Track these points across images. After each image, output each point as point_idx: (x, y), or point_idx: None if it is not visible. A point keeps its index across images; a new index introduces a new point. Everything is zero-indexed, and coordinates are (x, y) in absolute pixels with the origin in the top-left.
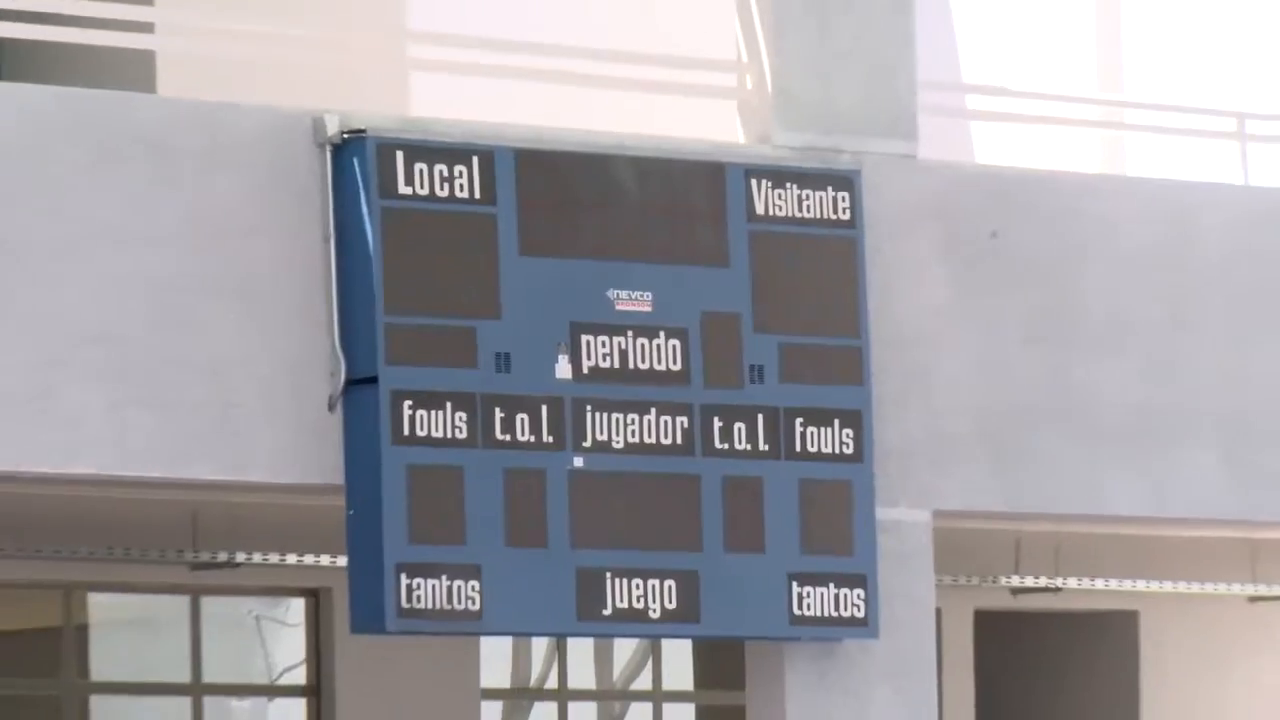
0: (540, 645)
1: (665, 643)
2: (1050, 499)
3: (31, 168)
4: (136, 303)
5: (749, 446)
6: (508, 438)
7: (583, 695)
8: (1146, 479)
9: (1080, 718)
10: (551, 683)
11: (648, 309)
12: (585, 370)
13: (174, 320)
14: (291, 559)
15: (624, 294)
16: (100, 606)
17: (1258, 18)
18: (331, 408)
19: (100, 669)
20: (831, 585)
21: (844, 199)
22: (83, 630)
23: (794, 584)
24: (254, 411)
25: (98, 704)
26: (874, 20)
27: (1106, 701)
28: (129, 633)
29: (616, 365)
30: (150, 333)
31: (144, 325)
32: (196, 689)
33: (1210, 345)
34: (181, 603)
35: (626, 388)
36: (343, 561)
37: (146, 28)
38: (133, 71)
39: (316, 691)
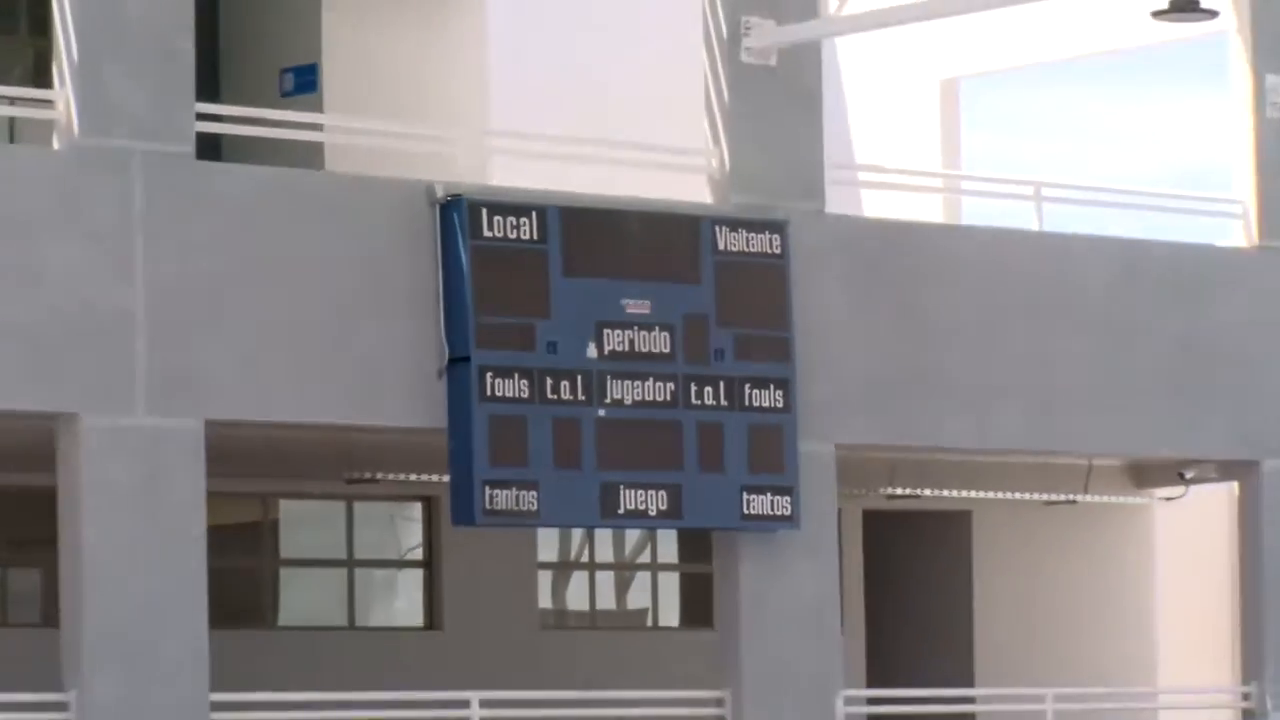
0: (576, 534)
1: (659, 532)
2: (912, 436)
3: (249, 222)
4: (319, 312)
5: (714, 403)
6: (555, 397)
7: (604, 567)
8: (974, 423)
9: (936, 577)
10: (584, 559)
11: (647, 312)
12: (606, 352)
13: (343, 322)
14: (413, 476)
15: (631, 301)
16: (286, 508)
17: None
18: (439, 377)
19: (286, 551)
20: (769, 494)
21: (776, 240)
22: (274, 524)
23: (745, 493)
24: (391, 380)
25: (285, 574)
26: (794, 122)
27: (951, 565)
28: (305, 527)
29: (626, 349)
30: (328, 332)
31: (324, 327)
32: (350, 563)
33: (1020, 338)
34: (340, 506)
35: (633, 364)
36: (446, 479)
37: (318, 127)
38: (309, 156)
39: (429, 565)
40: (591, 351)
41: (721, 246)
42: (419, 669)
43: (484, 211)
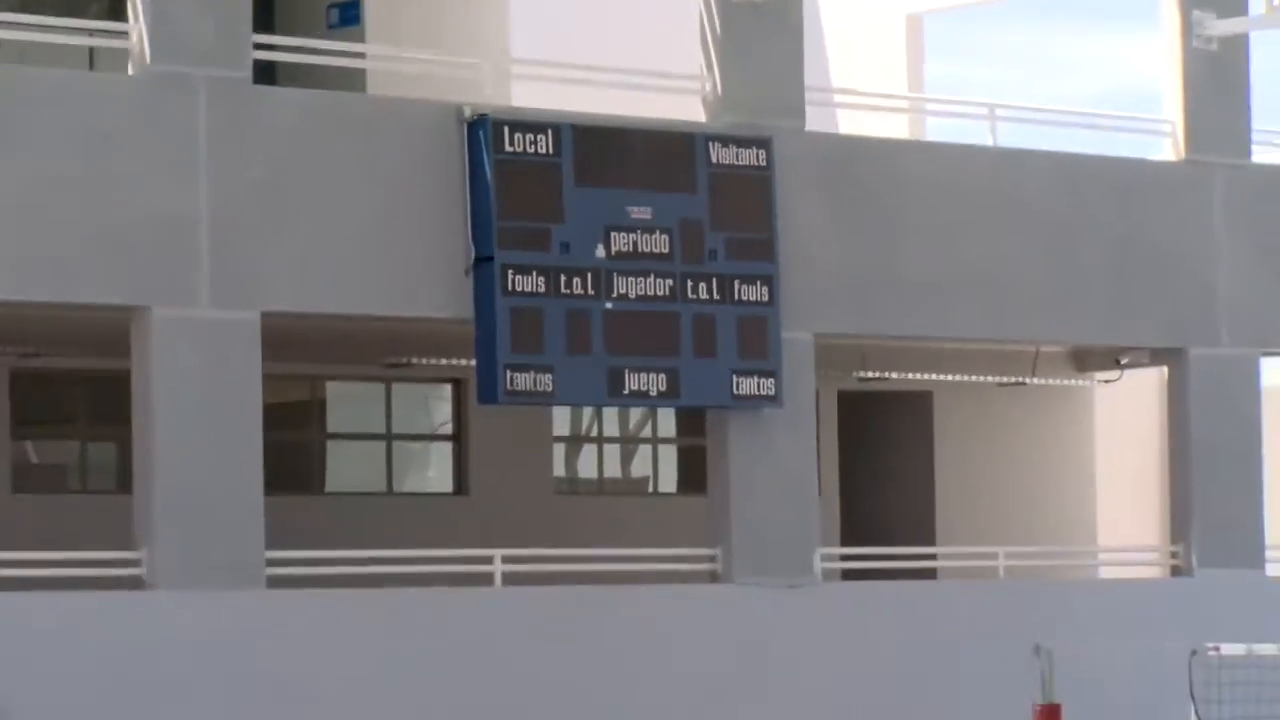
0: (586, 412)
1: (659, 409)
2: (881, 326)
3: (299, 139)
4: (361, 217)
5: (707, 297)
6: (568, 292)
7: (610, 440)
8: (935, 314)
9: (901, 450)
10: (593, 433)
11: (649, 217)
12: (613, 253)
13: (382, 225)
14: (444, 361)
15: (635, 208)
16: (332, 389)
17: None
18: (467, 273)
19: (332, 426)
20: (755, 377)
21: (762, 154)
22: (322, 403)
23: (734, 376)
24: (424, 276)
25: (331, 447)
26: (777, 52)
27: (915, 439)
28: (349, 405)
29: (630, 250)
30: (369, 234)
31: (366, 230)
32: (388, 437)
33: (975, 240)
34: (379, 387)
35: (636, 263)
36: (472, 363)
37: (361, 56)
38: (353, 82)
39: (458, 439)
40: (600, 252)
41: (714, 160)
42: (448, 529)
43: (506, 129)
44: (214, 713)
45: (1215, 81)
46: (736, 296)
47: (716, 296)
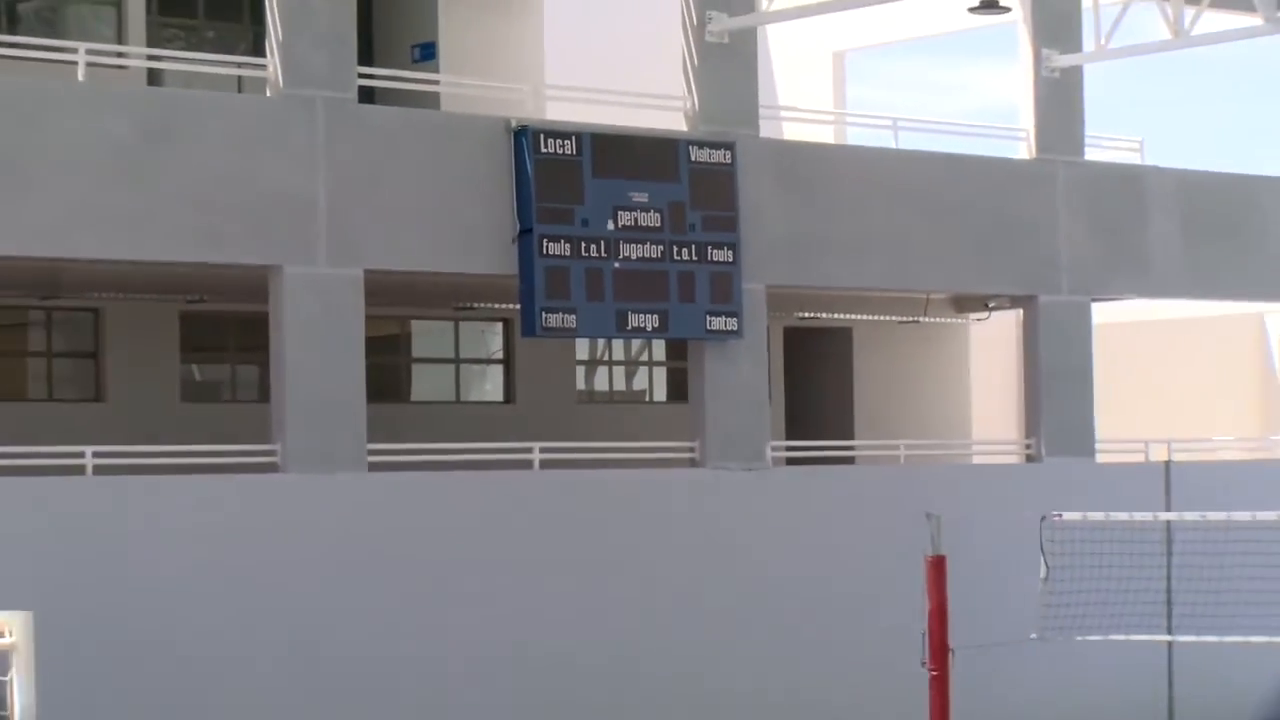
0: (600, 343)
1: (653, 341)
2: (814, 279)
3: (392, 143)
4: (437, 199)
5: (688, 259)
6: (586, 255)
7: (618, 363)
8: (854, 270)
9: (829, 372)
10: (604, 358)
11: (645, 200)
12: (619, 226)
13: (452, 206)
14: (496, 305)
15: (635, 194)
16: (416, 326)
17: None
18: (513, 242)
19: (416, 353)
20: (723, 316)
21: (728, 154)
22: (409, 336)
23: (708, 316)
24: (483, 243)
25: (415, 369)
26: (738, 79)
27: (839, 364)
28: (428, 337)
29: (632, 225)
30: (443, 212)
31: (440, 209)
32: (456, 361)
33: (883, 215)
34: (450, 325)
35: (636, 234)
36: (517, 307)
37: (436, 83)
38: (430, 101)
39: (507, 363)
40: (609, 226)
41: (692, 159)
42: (500, 429)
43: (541, 136)
44: (326, 560)
45: (1058, 100)
46: (709, 258)
47: (694, 258)
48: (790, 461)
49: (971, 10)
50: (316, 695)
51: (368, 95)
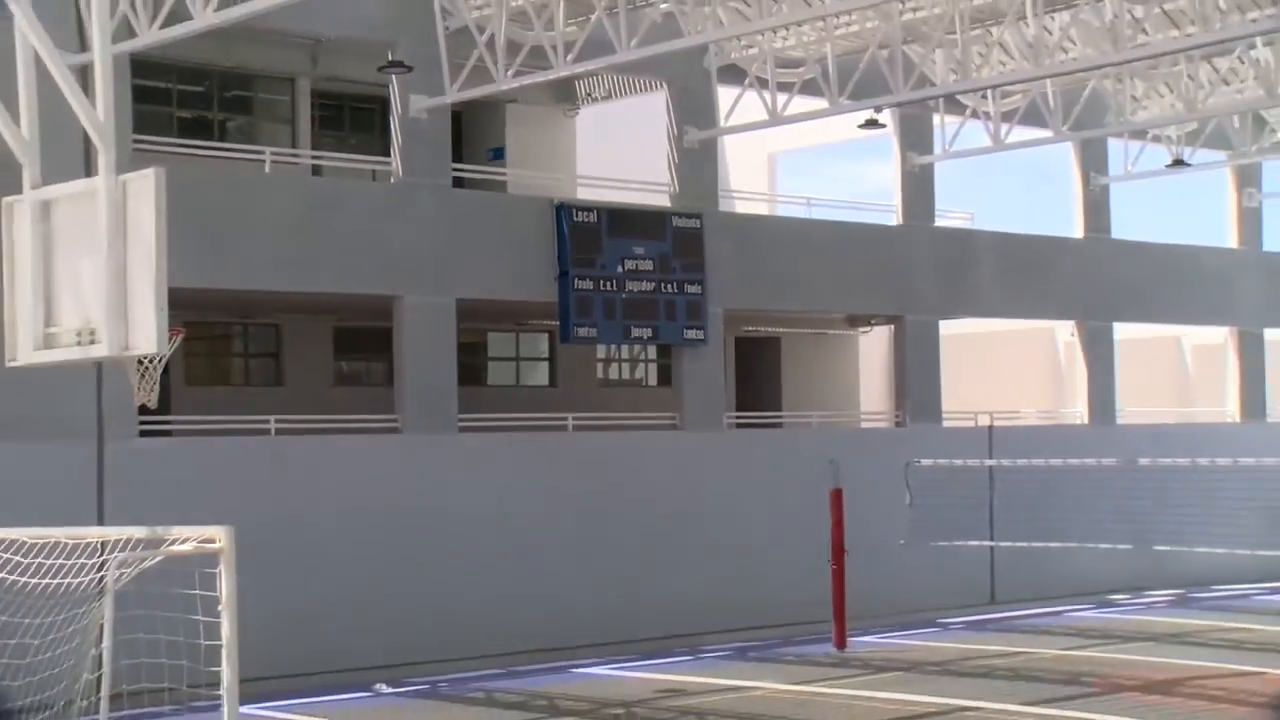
0: (612, 347)
1: (648, 346)
2: (757, 304)
3: (476, 213)
4: (506, 251)
5: (671, 291)
6: (604, 289)
7: (624, 361)
8: (783, 299)
9: (765, 369)
10: (616, 356)
11: (643, 252)
12: (625, 270)
13: (514, 254)
14: (544, 321)
15: (636, 249)
16: (491, 336)
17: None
18: (555, 280)
19: (491, 353)
20: (695, 329)
21: (698, 222)
22: (485, 343)
23: (685, 329)
24: (535, 278)
25: (490, 365)
26: (706, 171)
27: (772, 363)
28: (499, 343)
29: (635, 269)
30: (510, 258)
31: (509, 257)
32: (517, 359)
33: (803, 261)
34: (513, 335)
35: (637, 276)
36: (557, 322)
37: (503, 174)
38: (501, 187)
39: (551, 359)
40: (619, 269)
41: (674, 225)
42: (546, 405)
43: (573, 210)
44: (428, 490)
45: (917, 186)
46: (685, 291)
47: (675, 291)
48: (739, 426)
49: (860, 126)
50: (414, 580)
51: (459, 182)
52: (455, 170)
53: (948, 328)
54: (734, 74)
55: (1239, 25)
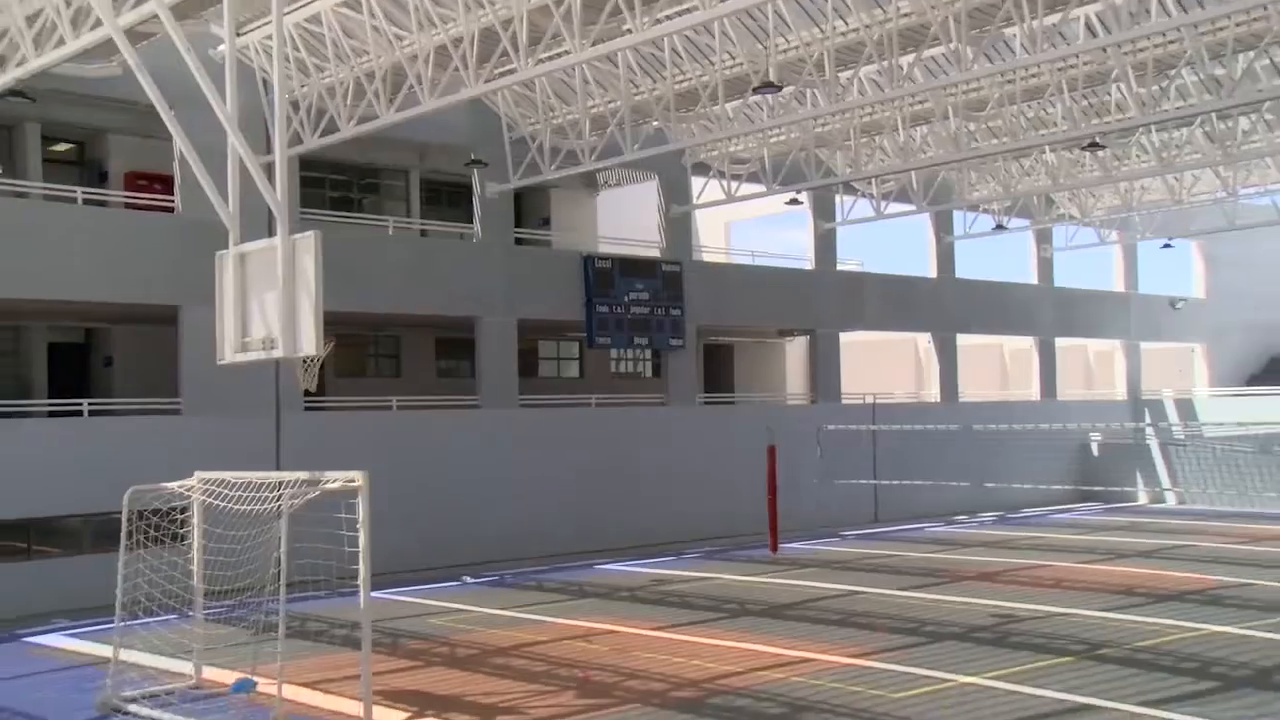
0: (621, 350)
1: (646, 350)
2: (719, 321)
3: (532, 265)
4: (551, 290)
5: (661, 313)
6: (617, 312)
7: (629, 360)
8: (735, 319)
9: (723, 366)
10: (625, 356)
11: (642, 288)
12: (630, 300)
13: (557, 293)
14: (577, 334)
15: (638, 285)
16: (541, 344)
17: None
18: (583, 306)
19: (541, 355)
20: (677, 339)
21: (678, 268)
22: (537, 349)
23: (670, 338)
24: (569, 306)
25: (541, 363)
26: (683, 232)
27: (725, 363)
28: (547, 348)
29: (637, 299)
30: (553, 295)
31: (553, 296)
32: (558, 359)
33: (750, 295)
34: (555, 342)
35: (638, 305)
36: (584, 334)
37: (549, 234)
38: (547, 244)
39: (580, 358)
40: (626, 298)
41: (663, 270)
42: (577, 388)
43: (595, 260)
44: (499, 447)
45: (825, 243)
46: (669, 314)
47: (663, 314)
48: (705, 403)
49: (786, 203)
50: (487, 506)
51: (519, 241)
52: (516, 233)
53: (845, 338)
54: (702, 168)
55: (1036, 137)
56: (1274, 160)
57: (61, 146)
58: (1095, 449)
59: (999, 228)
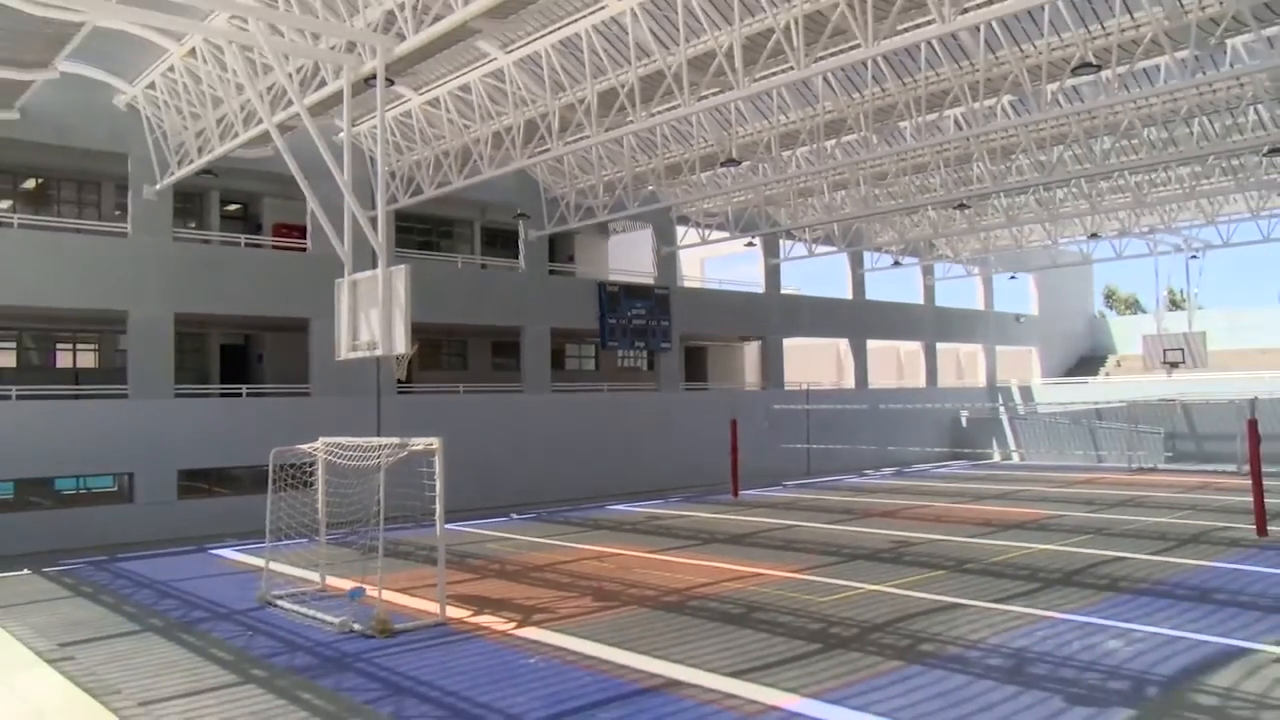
0: (625, 351)
1: (644, 351)
2: (693, 330)
3: (561, 289)
4: (574, 309)
5: (654, 324)
6: (622, 323)
7: (630, 357)
8: (703, 331)
9: (701, 363)
10: (626, 354)
11: (641, 306)
12: (632, 315)
13: (575, 308)
14: (593, 340)
15: (638, 304)
16: (568, 346)
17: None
18: (597, 319)
19: (568, 354)
20: (665, 342)
21: (667, 290)
22: (564, 350)
23: (660, 342)
24: (587, 318)
25: (568, 360)
26: (670, 266)
27: (700, 360)
28: (570, 348)
29: (636, 313)
30: (575, 310)
31: (575, 309)
32: (579, 355)
33: (720, 312)
34: (578, 344)
35: (638, 316)
36: (597, 340)
37: (573, 265)
38: (572, 273)
39: (596, 357)
40: (629, 314)
41: (656, 293)
42: (592, 379)
43: (606, 286)
44: (534, 422)
45: (773, 274)
46: (661, 324)
47: (656, 324)
48: (687, 390)
49: (745, 244)
50: (528, 462)
51: (553, 272)
52: (550, 266)
53: (787, 342)
54: (684, 220)
55: (921, 199)
56: (1080, 220)
57: (232, 206)
58: (964, 421)
59: (896, 264)
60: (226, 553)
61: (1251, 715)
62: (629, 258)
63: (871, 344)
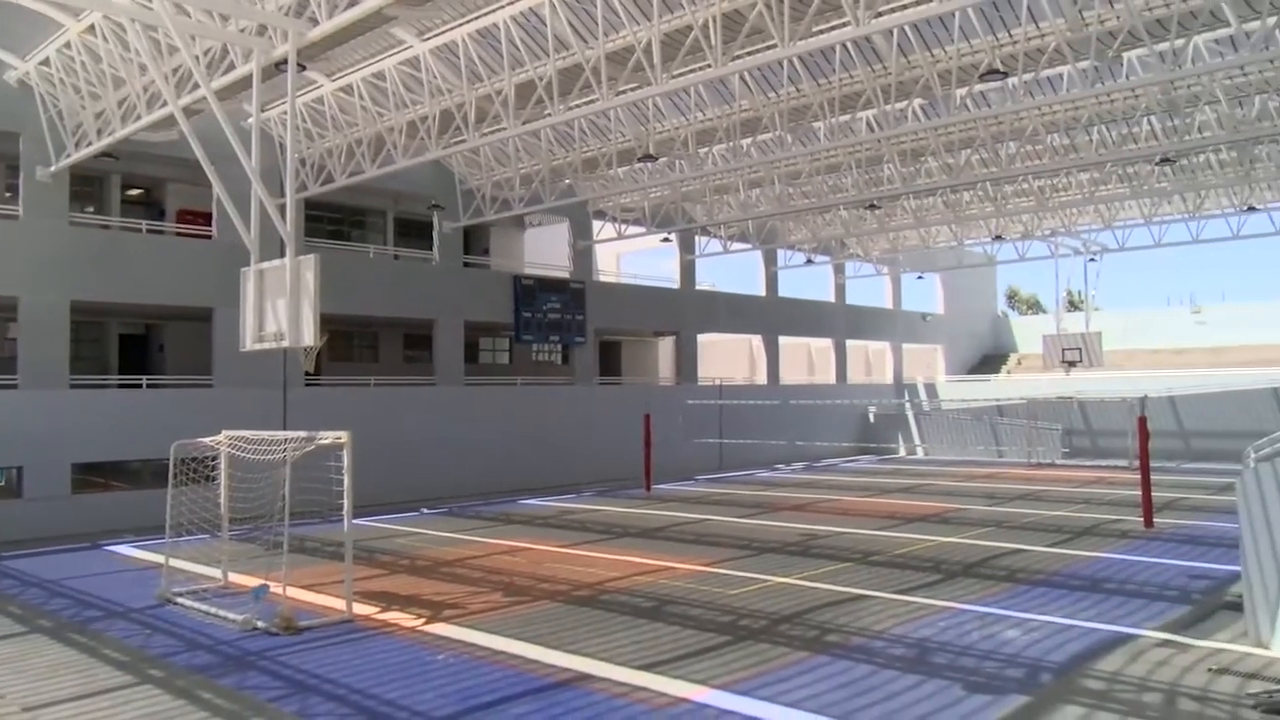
0: (540, 345)
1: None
2: (611, 325)
3: (476, 282)
4: (491, 299)
5: (570, 317)
6: (537, 317)
7: (545, 352)
8: (630, 325)
9: (614, 356)
10: (541, 350)
11: (556, 300)
12: (547, 309)
13: (494, 302)
14: (507, 335)
15: (553, 299)
16: (482, 339)
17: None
18: (513, 312)
19: (481, 347)
20: (580, 337)
21: (583, 285)
22: (477, 344)
23: (576, 337)
24: (503, 311)
25: (481, 354)
26: (586, 261)
27: (616, 356)
28: (488, 341)
29: (551, 307)
30: (493, 305)
31: (492, 303)
32: (493, 350)
33: (640, 307)
34: (491, 338)
35: (554, 310)
36: (513, 333)
37: (488, 260)
38: (486, 267)
39: (511, 352)
40: (544, 308)
41: (572, 287)
42: (506, 372)
43: (521, 279)
44: (449, 416)
45: (688, 270)
46: (575, 318)
47: (571, 318)
48: (601, 384)
49: (661, 240)
50: (438, 456)
51: (467, 264)
52: (465, 259)
53: (701, 338)
54: (600, 214)
55: (834, 199)
56: (985, 222)
57: (134, 191)
58: (872, 417)
59: (808, 262)
60: (123, 549)
61: (1134, 697)
62: (545, 251)
63: (784, 340)
